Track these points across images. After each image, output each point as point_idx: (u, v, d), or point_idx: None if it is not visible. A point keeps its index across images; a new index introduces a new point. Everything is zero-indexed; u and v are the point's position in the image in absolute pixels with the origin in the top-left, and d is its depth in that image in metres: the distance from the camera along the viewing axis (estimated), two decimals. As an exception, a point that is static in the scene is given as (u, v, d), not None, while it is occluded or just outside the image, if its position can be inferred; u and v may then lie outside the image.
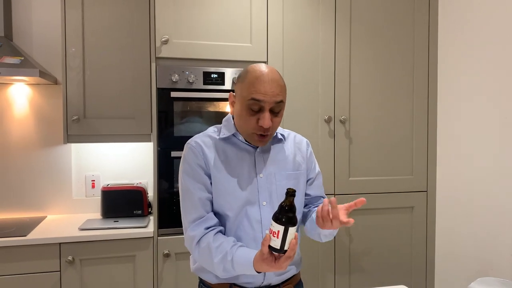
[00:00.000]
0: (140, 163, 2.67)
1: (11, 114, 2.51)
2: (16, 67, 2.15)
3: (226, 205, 1.34)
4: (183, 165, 1.37)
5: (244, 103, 1.29)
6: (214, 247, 1.26)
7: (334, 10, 2.38)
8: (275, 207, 1.32)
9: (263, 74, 1.28)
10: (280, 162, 1.41)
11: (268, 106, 1.28)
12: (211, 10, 2.24)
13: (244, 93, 1.29)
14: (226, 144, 1.38)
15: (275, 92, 1.27)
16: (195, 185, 1.33)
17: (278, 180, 1.38)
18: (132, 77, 2.34)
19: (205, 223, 1.31)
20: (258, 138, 1.32)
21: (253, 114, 1.29)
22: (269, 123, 1.28)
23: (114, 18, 2.32)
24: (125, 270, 2.17)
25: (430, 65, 2.54)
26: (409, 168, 2.53)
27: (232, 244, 1.26)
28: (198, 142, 1.37)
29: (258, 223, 1.34)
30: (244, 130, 1.34)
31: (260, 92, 1.26)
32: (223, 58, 2.25)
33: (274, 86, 1.28)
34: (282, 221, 1.13)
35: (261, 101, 1.27)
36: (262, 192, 1.36)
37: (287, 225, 1.12)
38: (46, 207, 2.56)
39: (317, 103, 2.37)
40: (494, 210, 2.15)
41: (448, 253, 2.48)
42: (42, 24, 2.53)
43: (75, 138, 2.30)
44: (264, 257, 1.14)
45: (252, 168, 1.37)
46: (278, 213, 1.14)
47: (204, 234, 1.30)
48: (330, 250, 2.42)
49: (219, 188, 1.34)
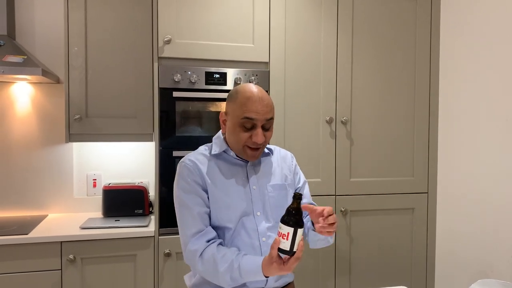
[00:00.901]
0: (141, 163, 2.67)
1: (13, 112, 2.51)
2: (19, 66, 2.15)
3: (226, 218, 1.40)
4: (179, 183, 1.42)
5: (237, 121, 1.37)
6: (219, 257, 1.30)
7: (336, 11, 2.39)
8: (268, 216, 1.43)
9: (253, 94, 1.38)
10: (269, 174, 1.50)
11: (260, 124, 1.37)
12: (214, 10, 2.25)
13: (237, 112, 1.37)
14: (218, 160, 1.45)
15: (266, 110, 1.37)
16: (194, 200, 1.39)
17: (270, 191, 1.47)
18: (135, 77, 2.35)
19: (206, 236, 1.37)
20: (251, 152, 1.40)
21: (246, 131, 1.38)
22: (262, 139, 1.37)
23: (117, 17, 2.33)
24: (126, 269, 2.17)
25: (431, 67, 2.54)
26: (410, 170, 2.53)
27: (237, 253, 1.32)
28: (192, 160, 1.43)
29: (254, 232, 1.41)
30: (237, 146, 1.41)
31: (252, 111, 1.35)
32: (225, 58, 2.26)
33: (265, 105, 1.37)
34: (290, 224, 1.19)
35: (253, 119, 1.36)
36: (256, 203, 1.44)
37: (296, 227, 1.18)
38: (47, 206, 2.56)
39: (319, 104, 2.38)
40: (494, 211, 2.15)
41: (449, 254, 2.48)
42: (45, 23, 2.54)
43: (77, 137, 2.30)
44: (273, 260, 1.20)
45: (245, 180, 1.45)
46: (286, 216, 1.21)
47: (207, 247, 1.34)
48: (331, 251, 2.42)
49: (217, 202, 1.40)
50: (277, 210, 1.44)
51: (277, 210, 1.44)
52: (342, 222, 2.43)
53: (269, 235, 1.42)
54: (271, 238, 1.41)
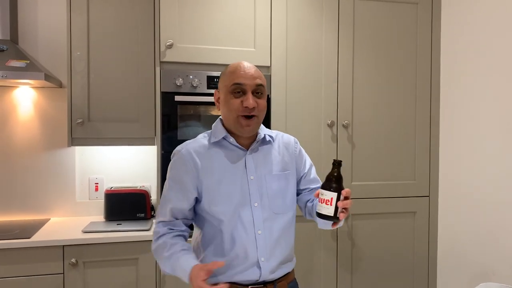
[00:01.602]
0: (143, 166, 2.68)
1: (16, 116, 2.52)
2: (22, 71, 2.17)
3: (220, 209, 1.39)
4: (171, 171, 1.44)
5: (228, 90, 1.38)
6: (169, 244, 1.37)
7: (337, 16, 2.40)
8: (266, 208, 1.41)
9: (240, 63, 1.41)
10: (269, 164, 1.46)
11: (249, 89, 1.37)
12: (215, 15, 2.26)
13: (226, 82, 1.39)
14: (217, 148, 1.43)
15: (254, 76, 1.38)
16: (176, 194, 1.41)
17: (268, 182, 1.44)
18: (137, 81, 2.36)
19: (171, 225, 1.43)
20: (245, 121, 1.37)
21: (237, 97, 1.37)
22: (253, 103, 1.35)
23: (119, 22, 2.34)
24: (128, 272, 2.17)
25: (432, 70, 2.55)
26: (411, 173, 2.54)
27: (183, 248, 1.36)
28: (188, 150, 1.42)
29: (250, 223, 1.40)
30: (231, 117, 1.39)
31: (241, 76, 1.37)
32: (227, 62, 2.26)
33: (253, 71, 1.39)
34: (334, 188, 1.25)
35: (242, 84, 1.36)
36: (253, 194, 1.41)
37: (339, 192, 1.24)
38: (49, 210, 2.57)
39: (320, 107, 2.39)
40: (496, 215, 2.15)
41: (451, 258, 2.48)
42: (48, 27, 2.55)
43: (80, 141, 2.31)
44: (201, 279, 1.22)
45: (243, 170, 1.42)
46: (327, 182, 1.27)
47: (166, 233, 1.41)
48: (332, 255, 2.42)
49: (212, 193, 1.40)
50: (276, 201, 1.43)
51: (276, 201, 1.43)
52: (344, 225, 2.43)
53: (265, 227, 1.40)
54: (267, 230, 1.40)
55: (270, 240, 1.41)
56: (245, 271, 1.39)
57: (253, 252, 1.38)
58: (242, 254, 1.38)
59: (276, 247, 1.42)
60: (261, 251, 1.39)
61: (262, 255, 1.39)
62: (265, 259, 1.40)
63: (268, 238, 1.41)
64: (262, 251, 1.39)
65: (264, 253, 1.39)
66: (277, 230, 1.43)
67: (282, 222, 1.44)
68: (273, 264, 1.41)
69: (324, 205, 1.25)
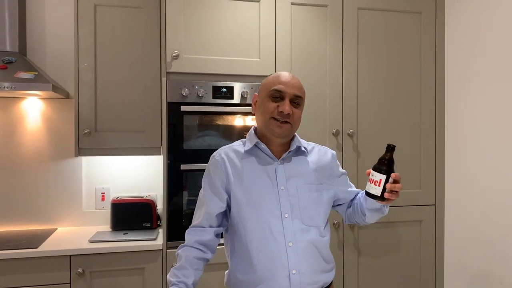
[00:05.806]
0: (149, 176, 2.69)
1: (23, 127, 2.55)
2: (30, 82, 2.20)
3: (246, 216, 1.39)
4: (206, 176, 1.47)
5: (266, 94, 1.41)
6: (184, 264, 1.37)
7: (341, 26, 2.41)
8: (297, 220, 1.39)
9: (285, 72, 1.46)
10: (301, 175, 1.45)
11: (288, 96, 1.39)
12: (221, 26, 2.28)
13: (267, 86, 1.42)
14: (249, 156, 1.44)
15: (295, 86, 1.41)
16: (211, 198, 1.43)
17: (300, 193, 1.42)
18: (143, 92, 2.38)
19: (201, 235, 1.42)
20: (277, 124, 1.39)
21: (274, 101, 1.39)
22: (289, 110, 1.37)
23: (125, 33, 2.37)
24: (135, 282, 2.18)
25: (437, 79, 2.55)
26: (417, 182, 2.53)
27: (191, 279, 1.35)
28: (221, 156, 1.45)
29: (280, 234, 1.38)
30: (263, 119, 1.41)
31: (281, 83, 1.40)
32: (232, 72, 2.29)
33: (295, 81, 1.42)
34: (383, 171, 1.31)
35: (281, 91, 1.39)
36: (283, 205, 1.40)
37: (388, 174, 1.31)
38: (56, 220, 2.58)
39: (325, 116, 2.40)
40: (503, 224, 2.14)
41: (457, 267, 2.46)
42: (55, 39, 2.59)
43: (87, 151, 2.34)
44: None
45: (273, 180, 1.41)
46: (378, 164, 1.33)
47: (191, 247, 1.42)
48: (339, 263, 2.41)
49: (240, 200, 1.40)
50: (308, 213, 1.40)
51: (308, 213, 1.40)
52: (350, 235, 2.43)
53: (297, 240, 1.37)
54: (299, 244, 1.37)
55: (302, 253, 1.38)
56: (275, 284, 1.35)
57: (284, 264, 1.35)
58: (271, 266, 1.36)
59: (307, 260, 1.39)
60: (293, 263, 1.36)
61: (294, 267, 1.36)
62: (297, 271, 1.36)
63: (301, 251, 1.38)
64: (294, 263, 1.36)
65: (296, 265, 1.36)
66: (309, 242, 1.40)
67: (314, 234, 1.41)
68: (304, 278, 1.37)
69: (373, 186, 1.31)
